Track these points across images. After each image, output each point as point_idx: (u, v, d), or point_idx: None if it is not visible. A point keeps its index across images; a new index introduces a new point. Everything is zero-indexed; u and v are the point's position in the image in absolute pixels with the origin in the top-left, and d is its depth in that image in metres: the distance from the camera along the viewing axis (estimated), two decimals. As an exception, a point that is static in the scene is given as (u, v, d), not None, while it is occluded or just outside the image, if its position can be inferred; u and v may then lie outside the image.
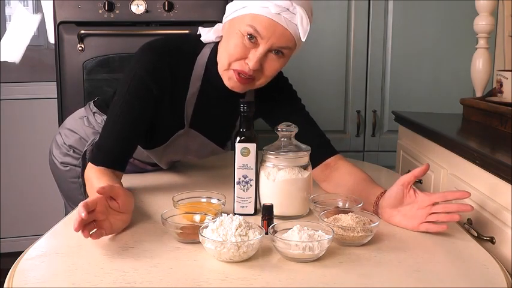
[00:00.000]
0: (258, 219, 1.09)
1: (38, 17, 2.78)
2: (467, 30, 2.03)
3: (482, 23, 1.82)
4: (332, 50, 2.33)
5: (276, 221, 1.05)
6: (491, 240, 1.17)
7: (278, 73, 1.27)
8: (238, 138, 1.15)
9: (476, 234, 1.19)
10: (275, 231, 0.99)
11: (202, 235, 0.94)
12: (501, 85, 1.67)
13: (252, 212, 1.17)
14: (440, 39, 2.34)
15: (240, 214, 1.05)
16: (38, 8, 2.78)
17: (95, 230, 0.98)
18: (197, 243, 0.98)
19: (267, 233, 0.99)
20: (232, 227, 0.94)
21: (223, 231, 0.94)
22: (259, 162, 1.18)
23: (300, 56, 2.11)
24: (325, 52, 2.32)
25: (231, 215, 0.99)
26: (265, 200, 1.14)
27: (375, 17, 2.32)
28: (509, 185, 1.13)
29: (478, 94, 1.87)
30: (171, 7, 2.09)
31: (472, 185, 1.31)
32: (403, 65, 2.36)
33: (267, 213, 1.07)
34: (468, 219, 1.26)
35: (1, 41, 2.72)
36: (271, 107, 1.40)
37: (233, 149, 1.16)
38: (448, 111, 2.03)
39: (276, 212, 1.09)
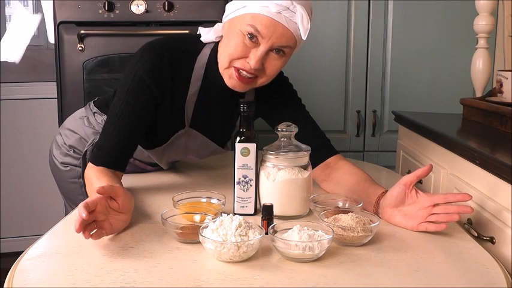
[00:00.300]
0: (258, 219, 1.09)
1: (38, 17, 2.78)
2: (467, 30, 2.03)
3: (482, 23, 1.82)
4: (332, 50, 2.33)
5: (276, 221, 1.05)
6: (491, 240, 1.17)
7: (278, 73, 1.27)
8: (238, 138, 1.15)
9: (476, 234, 1.19)
10: (275, 231, 0.99)
11: (202, 235, 0.94)
12: (501, 85, 1.67)
13: (252, 212, 1.17)
14: (440, 39, 2.34)
15: (240, 214, 1.05)
16: (38, 8, 2.78)
17: (95, 230, 0.98)
18: (197, 243, 0.98)
19: (267, 233, 0.99)
20: (232, 227, 0.94)
21: (223, 231, 0.94)
22: (259, 162, 1.18)
23: (300, 56, 2.11)
24: (325, 52, 2.33)
25: (231, 215, 0.99)
26: (265, 200, 1.14)
27: (375, 17, 2.32)
28: (509, 185, 1.13)
29: (478, 94, 1.87)
30: (171, 7, 2.09)
31: (472, 185, 1.31)
32: (403, 65, 2.36)
33: (267, 213, 1.07)
34: (468, 219, 1.26)
35: (1, 41, 2.72)
36: (271, 107, 1.40)
37: (233, 149, 1.16)
38: (448, 111, 2.03)
39: (276, 212, 1.09)
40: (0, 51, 2.70)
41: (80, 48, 2.07)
